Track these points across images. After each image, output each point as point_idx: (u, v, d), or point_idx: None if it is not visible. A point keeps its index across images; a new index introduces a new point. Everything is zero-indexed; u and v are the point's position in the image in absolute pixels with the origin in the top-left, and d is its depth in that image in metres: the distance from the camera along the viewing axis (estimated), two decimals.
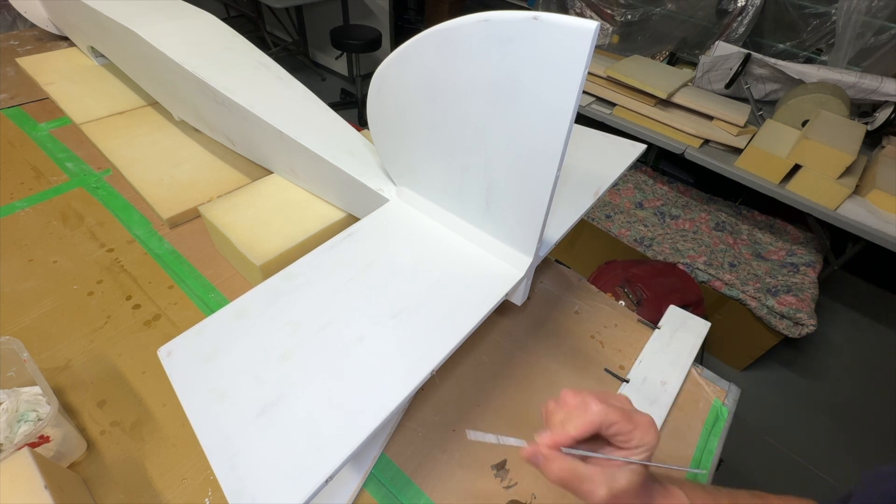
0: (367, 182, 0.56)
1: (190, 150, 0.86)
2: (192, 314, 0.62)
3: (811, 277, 1.54)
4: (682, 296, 1.37)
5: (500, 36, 0.33)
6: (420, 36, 0.39)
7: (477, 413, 0.56)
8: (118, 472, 0.47)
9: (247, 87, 0.66)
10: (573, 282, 0.74)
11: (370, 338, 0.40)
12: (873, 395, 1.65)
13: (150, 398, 0.53)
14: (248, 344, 0.39)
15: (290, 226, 0.65)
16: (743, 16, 1.80)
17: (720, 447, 0.56)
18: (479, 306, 0.42)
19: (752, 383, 1.65)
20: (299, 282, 0.44)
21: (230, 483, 0.31)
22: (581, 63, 0.31)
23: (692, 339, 0.65)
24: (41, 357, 0.56)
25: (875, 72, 1.56)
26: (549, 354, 0.63)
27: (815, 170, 1.37)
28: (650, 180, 1.94)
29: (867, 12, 1.54)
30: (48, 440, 0.44)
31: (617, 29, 2.12)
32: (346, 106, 2.95)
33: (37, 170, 0.81)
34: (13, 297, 0.61)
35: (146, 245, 0.71)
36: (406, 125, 0.47)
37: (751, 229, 1.75)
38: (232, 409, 0.35)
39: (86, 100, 0.94)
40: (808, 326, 1.40)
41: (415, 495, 0.48)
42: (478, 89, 0.37)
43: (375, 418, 0.34)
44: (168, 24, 0.74)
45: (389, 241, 0.49)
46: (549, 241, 0.50)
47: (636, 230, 1.72)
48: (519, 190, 0.41)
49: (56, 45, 1.16)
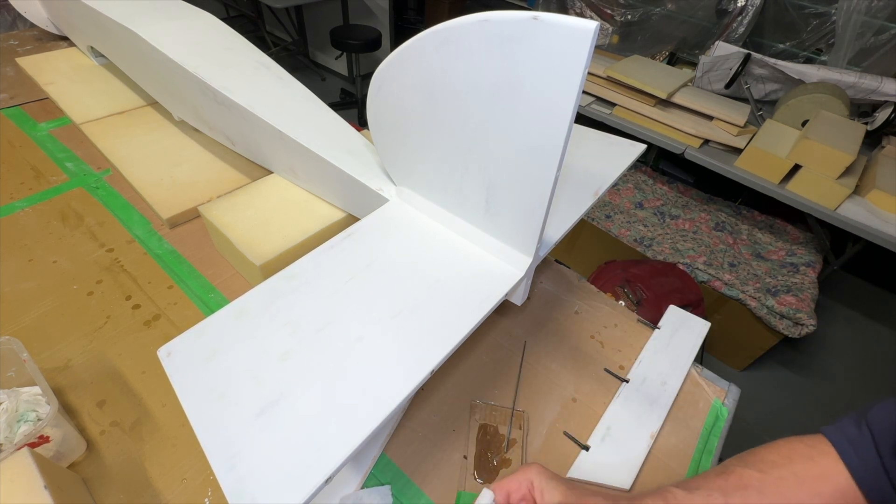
0: (367, 182, 0.56)
1: (190, 150, 0.86)
2: (192, 314, 0.62)
3: (811, 277, 1.54)
4: (682, 296, 1.37)
5: (500, 36, 0.33)
6: (420, 36, 0.39)
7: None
8: (118, 472, 0.47)
9: (247, 87, 0.66)
10: (573, 282, 0.74)
11: (370, 338, 0.40)
12: (873, 395, 1.65)
13: (149, 398, 0.53)
14: (248, 344, 0.39)
15: (290, 226, 0.65)
16: (743, 16, 1.80)
17: (720, 447, 0.56)
18: (479, 306, 0.42)
19: (752, 383, 1.65)
20: (299, 282, 0.44)
21: (230, 483, 0.31)
22: (581, 63, 0.31)
23: (692, 338, 0.65)
24: (41, 357, 0.55)
25: (875, 72, 1.56)
26: (549, 354, 0.63)
27: (815, 170, 1.37)
28: (650, 180, 1.94)
29: (867, 12, 1.54)
30: (48, 440, 0.44)
31: (617, 29, 2.12)
32: (346, 106, 2.95)
33: (36, 170, 0.81)
34: (13, 297, 0.61)
35: (146, 245, 0.71)
36: (406, 125, 0.47)
37: (751, 229, 1.75)
38: (232, 410, 0.35)
39: (86, 100, 0.94)
40: (808, 326, 1.40)
41: (415, 495, 0.48)
42: (478, 89, 0.37)
43: (375, 418, 0.34)
44: (168, 24, 0.74)
45: (389, 241, 0.49)
46: (549, 241, 0.50)
47: (636, 230, 1.72)
48: (519, 190, 0.41)
49: (56, 45, 1.16)
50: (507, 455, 0.52)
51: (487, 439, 0.53)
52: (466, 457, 0.51)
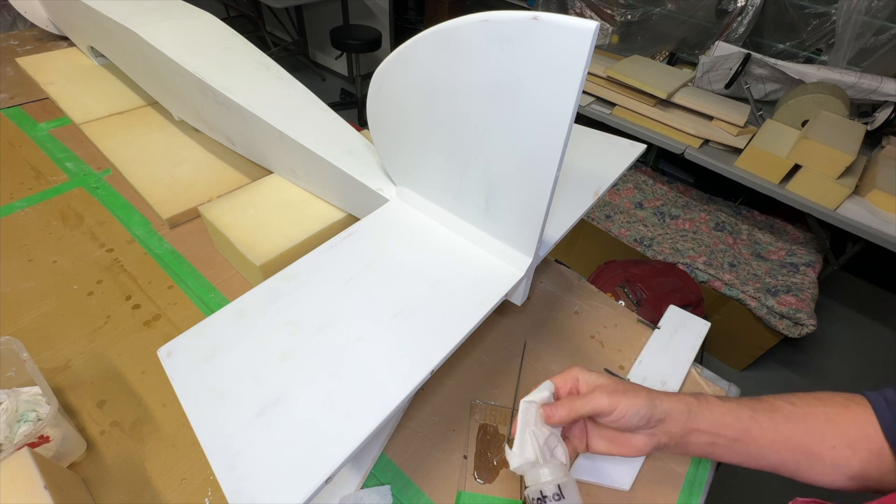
0: (367, 182, 0.56)
1: (190, 150, 0.85)
2: (192, 314, 0.62)
3: (811, 277, 1.54)
4: (682, 296, 1.37)
5: (500, 36, 0.33)
6: (420, 36, 0.39)
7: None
8: (118, 472, 0.47)
9: (247, 87, 0.66)
10: (573, 282, 0.74)
11: (370, 338, 0.40)
12: None
13: (149, 398, 0.53)
14: (248, 344, 0.39)
15: (290, 226, 0.65)
16: (743, 16, 1.80)
17: None
18: (479, 306, 0.42)
19: (752, 383, 1.65)
20: (299, 282, 0.44)
21: (230, 483, 0.31)
22: (581, 63, 0.31)
23: (692, 338, 0.65)
24: (41, 357, 0.56)
25: (875, 72, 1.56)
26: (549, 354, 0.63)
27: (815, 170, 1.37)
28: (650, 180, 1.94)
29: (867, 12, 1.54)
30: (48, 440, 0.44)
31: (617, 29, 2.12)
32: (346, 106, 2.95)
33: (36, 170, 0.81)
34: (13, 297, 0.61)
35: (146, 245, 0.71)
36: (406, 125, 0.47)
37: (751, 229, 1.75)
38: (232, 410, 0.35)
39: (85, 100, 0.94)
40: (808, 326, 1.40)
41: (415, 495, 0.48)
42: (478, 89, 0.37)
43: (375, 418, 0.34)
44: (168, 24, 0.74)
45: (389, 241, 0.49)
46: (549, 241, 0.50)
47: (636, 230, 1.72)
48: (519, 190, 0.41)
49: (56, 45, 1.16)
50: (507, 443, 0.52)
51: (487, 439, 0.53)
52: (466, 457, 0.51)
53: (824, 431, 0.39)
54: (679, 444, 0.41)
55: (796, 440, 0.39)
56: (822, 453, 0.39)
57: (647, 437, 0.41)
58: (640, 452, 0.42)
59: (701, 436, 0.41)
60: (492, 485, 0.49)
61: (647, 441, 0.41)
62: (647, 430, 0.42)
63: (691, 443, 0.41)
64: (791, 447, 0.40)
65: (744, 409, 0.41)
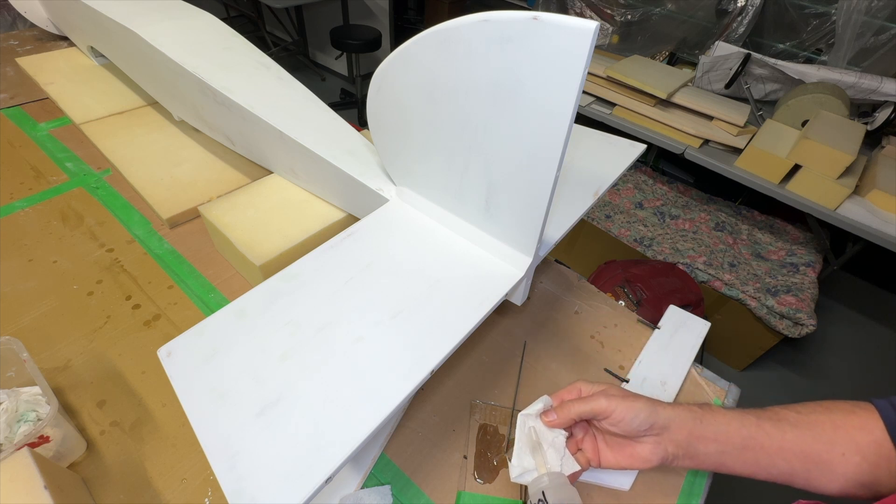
0: (367, 182, 0.56)
1: (190, 150, 0.85)
2: (192, 314, 0.62)
3: (811, 277, 1.54)
4: (682, 296, 1.37)
5: (500, 36, 0.33)
6: (420, 36, 0.39)
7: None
8: (118, 472, 0.47)
9: (247, 87, 0.66)
10: (573, 282, 0.74)
11: (370, 338, 0.40)
12: (873, 395, 1.65)
13: (149, 398, 0.53)
14: (248, 344, 0.39)
15: (290, 226, 0.65)
16: (743, 16, 1.80)
17: None
18: (479, 306, 0.42)
19: (752, 383, 1.65)
20: (299, 282, 0.44)
21: (230, 483, 0.31)
22: (581, 63, 0.31)
23: (692, 339, 0.65)
24: (41, 357, 0.55)
25: (875, 72, 1.56)
26: (549, 354, 0.63)
27: (815, 170, 1.37)
28: (650, 180, 1.94)
29: (867, 12, 1.54)
30: (48, 440, 0.44)
31: (617, 29, 2.12)
32: (346, 106, 2.95)
33: (36, 170, 0.81)
34: (13, 297, 0.61)
35: (146, 245, 0.71)
36: (406, 125, 0.46)
37: (751, 229, 1.75)
38: (232, 410, 0.35)
39: (85, 100, 0.94)
40: (808, 326, 1.40)
41: (415, 495, 0.48)
42: (478, 89, 0.37)
43: (375, 418, 0.34)
44: (168, 24, 0.74)
45: (389, 241, 0.49)
46: (549, 241, 0.50)
47: (636, 230, 1.72)
48: (519, 190, 0.41)
49: (56, 45, 1.16)
50: (506, 455, 0.52)
51: (487, 439, 0.53)
52: (466, 457, 0.51)
53: (833, 438, 0.39)
54: (688, 455, 0.41)
55: (805, 447, 0.39)
56: (832, 461, 0.38)
57: (653, 445, 0.41)
58: (648, 463, 0.42)
59: (709, 444, 0.41)
60: (492, 485, 0.49)
61: (653, 450, 0.41)
62: (652, 438, 0.41)
63: (700, 452, 0.41)
64: (800, 454, 0.39)
65: (749, 417, 0.41)
